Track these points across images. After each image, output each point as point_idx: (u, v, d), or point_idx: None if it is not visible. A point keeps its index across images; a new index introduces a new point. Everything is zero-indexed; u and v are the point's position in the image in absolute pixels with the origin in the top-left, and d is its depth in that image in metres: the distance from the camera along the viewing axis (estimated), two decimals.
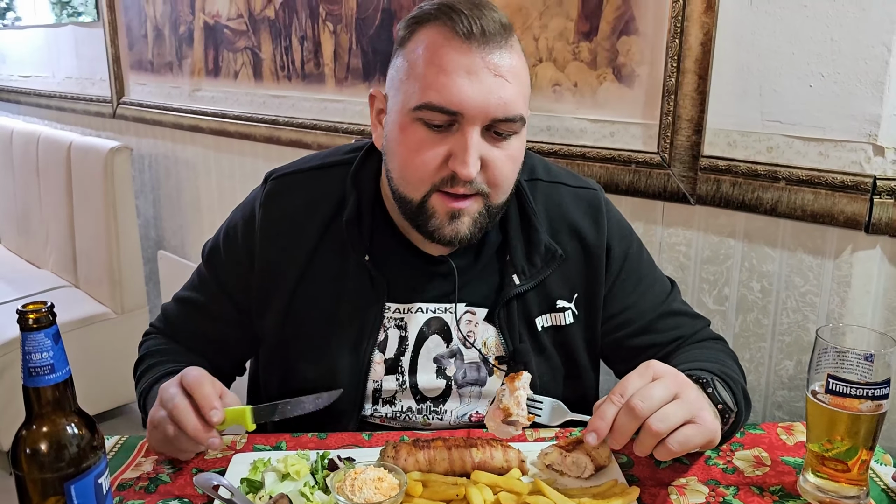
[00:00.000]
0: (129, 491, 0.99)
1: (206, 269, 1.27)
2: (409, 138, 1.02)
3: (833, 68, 1.29)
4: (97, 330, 2.85)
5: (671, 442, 0.87)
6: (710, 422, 0.90)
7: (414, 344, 1.16)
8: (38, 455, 0.75)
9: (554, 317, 1.18)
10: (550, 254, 1.15)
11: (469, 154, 0.99)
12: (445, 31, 0.99)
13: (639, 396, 0.87)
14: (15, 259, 3.64)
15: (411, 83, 1.01)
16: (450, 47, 0.98)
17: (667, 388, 0.88)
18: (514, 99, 1.00)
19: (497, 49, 0.99)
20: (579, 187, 1.22)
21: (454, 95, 0.97)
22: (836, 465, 0.95)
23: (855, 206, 1.29)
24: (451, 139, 1.00)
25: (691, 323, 1.24)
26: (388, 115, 1.08)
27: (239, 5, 2.52)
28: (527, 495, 0.92)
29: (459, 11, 0.98)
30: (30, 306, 0.74)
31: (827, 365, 0.94)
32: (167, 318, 1.31)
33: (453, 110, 0.98)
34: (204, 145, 2.84)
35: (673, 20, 1.44)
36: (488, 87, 0.98)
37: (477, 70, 0.98)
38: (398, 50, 1.06)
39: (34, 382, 0.74)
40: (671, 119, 1.48)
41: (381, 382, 1.16)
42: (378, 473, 0.92)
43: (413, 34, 1.03)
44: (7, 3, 3.95)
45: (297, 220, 1.17)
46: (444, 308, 1.16)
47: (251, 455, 1.04)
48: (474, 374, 1.17)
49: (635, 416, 0.86)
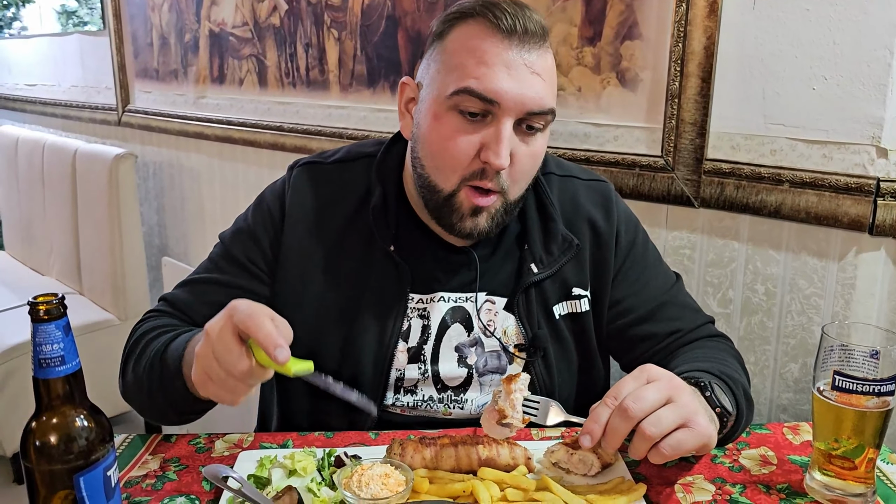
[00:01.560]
0: (135, 488, 0.99)
1: (232, 248, 1.22)
2: (444, 126, 1.05)
3: (836, 71, 1.30)
4: (101, 336, 2.85)
5: (663, 446, 0.87)
6: (704, 426, 0.90)
7: (436, 333, 1.18)
8: (48, 446, 0.75)
9: (571, 304, 1.21)
10: (567, 243, 1.19)
11: (502, 145, 1.02)
12: (488, 25, 1.02)
13: (632, 398, 0.87)
14: (19, 266, 3.65)
15: (449, 72, 1.04)
16: (491, 41, 1.02)
17: (660, 391, 0.89)
18: (548, 94, 1.05)
19: (535, 48, 1.03)
20: (591, 180, 1.27)
21: (493, 83, 1.01)
22: (842, 463, 0.95)
23: (859, 209, 1.30)
24: (485, 130, 1.04)
25: (692, 317, 1.25)
26: (420, 103, 1.11)
27: (244, 13, 2.54)
28: (533, 492, 0.92)
29: (503, 9, 1.02)
30: (41, 298, 0.74)
31: (833, 362, 0.94)
32: (174, 302, 1.23)
33: (491, 98, 1.01)
34: (208, 152, 2.85)
35: (676, 25, 1.45)
36: (526, 81, 1.02)
37: (516, 66, 1.02)
38: (435, 42, 1.09)
39: (44, 374, 0.75)
40: (675, 123, 1.49)
41: (404, 371, 1.18)
42: (385, 469, 0.92)
43: (453, 28, 1.06)
44: (13, 13, 3.98)
45: (323, 209, 1.20)
46: (465, 297, 1.19)
47: (258, 452, 1.04)
48: (495, 362, 1.19)
49: (628, 418, 0.87)
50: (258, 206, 1.25)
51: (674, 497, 0.97)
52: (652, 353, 1.22)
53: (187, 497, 0.97)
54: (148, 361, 1.10)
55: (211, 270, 1.24)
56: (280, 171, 1.28)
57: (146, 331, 1.17)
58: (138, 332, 1.19)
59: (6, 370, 2.61)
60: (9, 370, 2.61)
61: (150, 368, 1.09)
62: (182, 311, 1.21)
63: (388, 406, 1.19)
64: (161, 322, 1.19)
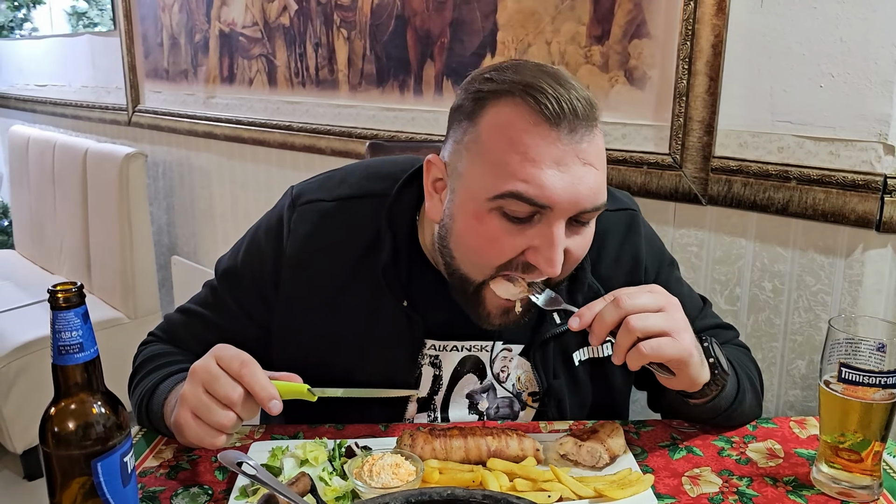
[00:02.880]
0: (149, 478, 1.01)
1: (222, 290, 1.17)
2: (485, 228, 0.93)
3: (843, 69, 1.30)
4: (110, 335, 2.87)
5: (644, 345, 0.90)
6: (688, 342, 0.93)
7: (448, 383, 1.14)
8: (66, 432, 0.77)
9: (593, 349, 1.14)
10: (593, 293, 1.09)
11: (556, 251, 0.91)
12: (528, 112, 0.89)
13: (626, 294, 0.91)
14: (29, 265, 3.68)
15: (489, 169, 0.91)
16: (536, 134, 0.88)
17: (656, 300, 0.92)
18: (602, 186, 0.94)
19: (587, 134, 0.90)
20: (616, 210, 1.16)
21: (545, 188, 0.88)
22: (849, 456, 0.95)
23: (866, 205, 1.30)
24: (532, 231, 0.92)
25: (723, 335, 1.23)
26: (452, 192, 0.98)
27: (254, 13, 2.56)
28: (542, 482, 0.93)
29: (543, 91, 0.88)
30: (59, 286, 0.75)
31: (839, 355, 0.94)
32: (171, 328, 1.22)
33: (544, 203, 0.89)
34: (218, 152, 2.87)
35: (684, 23, 1.46)
36: (579, 177, 0.90)
37: (567, 160, 0.89)
38: (465, 123, 0.95)
39: (63, 361, 0.76)
40: (682, 120, 1.50)
41: (413, 419, 1.15)
42: (395, 460, 0.93)
43: (485, 108, 0.92)
44: (24, 14, 4.02)
45: (327, 254, 1.10)
46: (479, 346, 1.12)
47: (269, 443, 1.05)
48: (507, 409, 1.16)
49: (618, 308, 0.90)
50: (252, 245, 1.16)
51: (681, 489, 0.97)
52: None
53: (200, 487, 0.98)
54: (138, 398, 1.12)
55: (205, 306, 1.19)
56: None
57: (143, 361, 1.18)
58: (138, 360, 1.19)
59: (17, 367, 2.63)
60: (19, 367, 2.64)
61: (139, 404, 1.11)
62: (176, 343, 1.20)
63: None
64: (158, 350, 1.19)
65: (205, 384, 0.90)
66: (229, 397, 0.89)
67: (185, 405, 0.92)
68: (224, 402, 0.90)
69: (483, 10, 1.84)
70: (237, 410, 0.91)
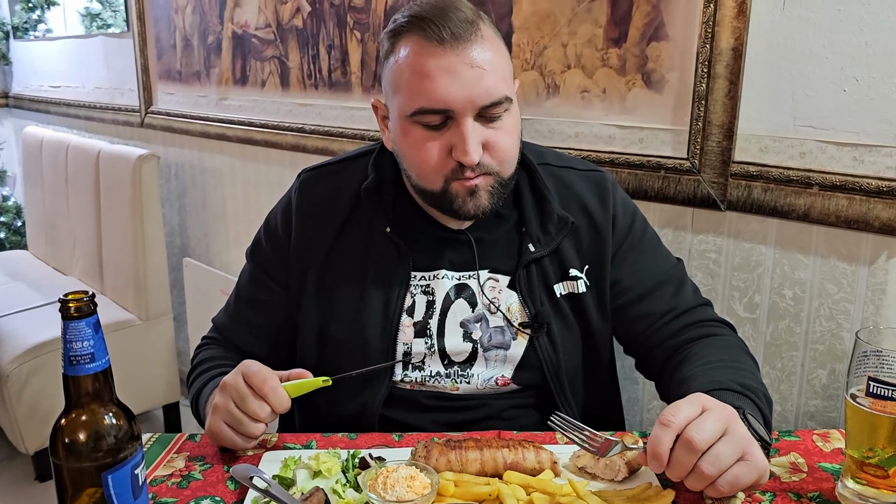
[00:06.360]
0: (161, 487, 1.00)
1: (250, 264, 1.36)
2: (412, 140, 1.12)
3: (867, 72, 1.28)
4: (123, 336, 2.87)
5: (721, 483, 0.89)
6: (760, 458, 0.91)
7: (441, 308, 1.23)
8: (77, 444, 0.76)
9: (569, 285, 1.24)
10: (563, 222, 1.23)
11: (468, 143, 1.08)
12: (420, 39, 1.08)
13: (695, 430, 0.88)
14: (42, 266, 3.69)
15: (401, 92, 1.11)
16: (427, 54, 1.07)
17: (718, 421, 0.89)
18: (496, 84, 1.09)
19: (469, 45, 1.07)
20: (587, 170, 1.31)
21: (440, 95, 1.07)
22: (875, 472, 0.93)
23: (890, 212, 1.27)
24: (449, 133, 1.10)
25: (690, 297, 1.27)
26: (390, 121, 1.18)
27: (267, 15, 2.55)
28: (560, 496, 0.91)
29: (428, 20, 1.07)
30: (71, 295, 0.74)
31: (867, 368, 0.92)
32: (218, 326, 1.38)
33: (443, 108, 1.07)
34: (230, 154, 2.87)
35: (703, 25, 1.44)
36: (469, 80, 1.07)
37: (456, 68, 1.07)
38: (385, 62, 1.15)
39: (74, 371, 0.75)
40: (701, 125, 1.47)
41: (411, 345, 1.22)
42: (410, 472, 0.91)
43: (394, 46, 1.12)
44: (38, 15, 4.03)
45: (327, 202, 1.28)
46: (467, 275, 1.24)
47: (282, 453, 1.04)
48: (499, 337, 1.23)
49: (693, 451, 0.88)
50: (269, 218, 1.35)
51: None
52: (651, 331, 1.25)
53: (212, 499, 0.97)
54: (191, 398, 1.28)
55: (240, 290, 1.37)
56: None
57: (196, 365, 1.32)
58: (193, 363, 1.34)
59: (29, 369, 2.64)
60: (32, 368, 2.64)
61: (192, 403, 1.27)
62: (226, 337, 1.36)
63: (396, 382, 1.22)
64: (210, 354, 1.33)
65: (235, 400, 1.04)
66: (258, 414, 1.04)
67: (218, 415, 1.06)
68: (253, 418, 1.04)
69: (498, 13, 1.82)
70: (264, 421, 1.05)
